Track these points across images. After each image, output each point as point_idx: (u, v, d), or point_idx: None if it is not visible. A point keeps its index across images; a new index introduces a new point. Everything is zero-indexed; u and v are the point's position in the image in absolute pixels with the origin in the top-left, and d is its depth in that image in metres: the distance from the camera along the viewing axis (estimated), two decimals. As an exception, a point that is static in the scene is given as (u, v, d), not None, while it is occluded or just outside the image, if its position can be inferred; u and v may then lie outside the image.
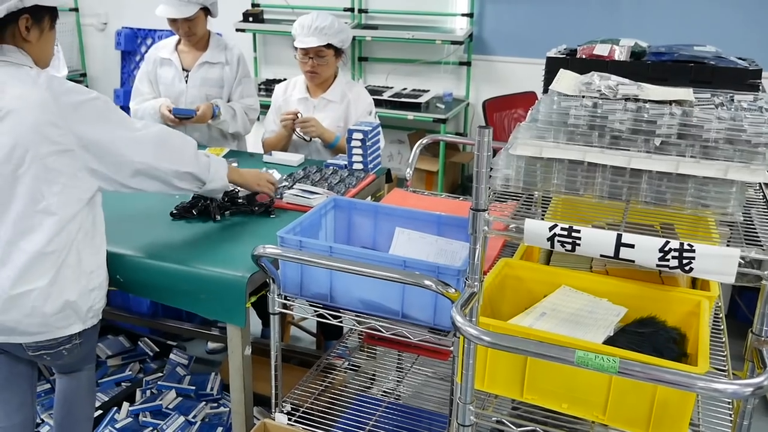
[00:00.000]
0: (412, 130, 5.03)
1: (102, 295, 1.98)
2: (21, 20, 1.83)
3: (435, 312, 1.74)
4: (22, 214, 1.81)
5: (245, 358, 1.97)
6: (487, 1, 4.83)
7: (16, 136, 1.77)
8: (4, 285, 1.82)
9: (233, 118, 3.05)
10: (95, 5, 5.91)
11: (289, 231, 1.85)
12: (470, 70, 4.97)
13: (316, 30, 2.86)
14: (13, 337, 1.87)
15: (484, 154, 1.32)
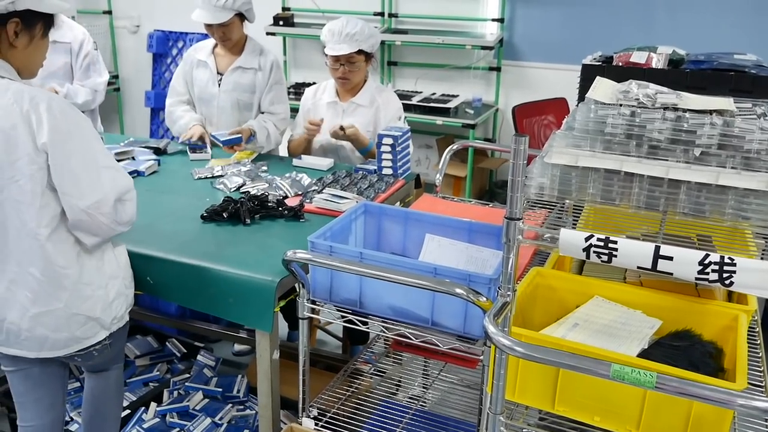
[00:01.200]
0: (441, 135, 5.02)
1: (124, 302, 1.98)
2: (10, 24, 1.73)
3: (465, 320, 1.72)
4: (15, 239, 1.78)
5: (273, 362, 1.97)
6: (518, 6, 4.80)
7: None
8: (26, 305, 1.83)
9: (267, 138, 3.07)
10: (128, 8, 5.98)
11: (320, 236, 1.84)
12: (500, 75, 4.94)
13: (346, 37, 2.85)
14: (44, 352, 1.89)
15: (520, 162, 1.30)
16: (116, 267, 1.94)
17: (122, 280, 1.96)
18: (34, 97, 1.72)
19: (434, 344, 1.77)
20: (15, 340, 1.88)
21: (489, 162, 4.98)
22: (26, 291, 1.82)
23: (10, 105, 1.70)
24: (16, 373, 2.03)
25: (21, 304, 1.83)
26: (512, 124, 4.51)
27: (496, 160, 5.01)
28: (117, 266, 1.95)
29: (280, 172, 2.74)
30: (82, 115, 1.84)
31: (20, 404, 2.08)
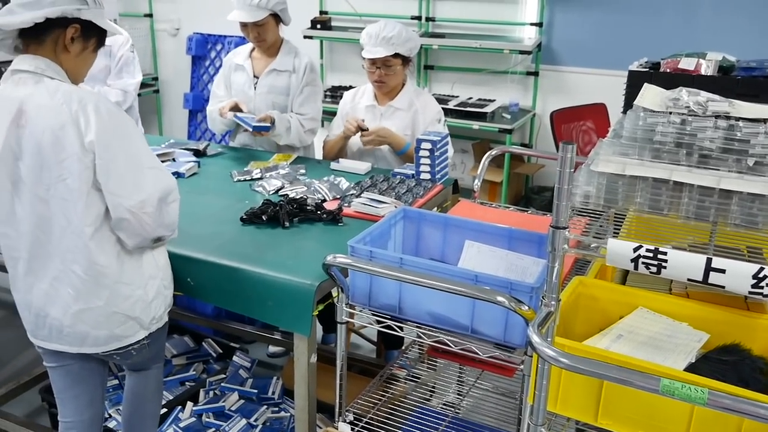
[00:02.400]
0: (477, 140, 4.99)
1: (162, 302, 1.99)
2: (70, 28, 1.80)
3: (505, 328, 1.70)
4: (60, 236, 1.81)
5: (310, 365, 1.97)
6: (557, 10, 4.75)
7: (40, 155, 1.75)
8: (68, 301, 1.86)
9: (287, 130, 3.05)
10: (169, 11, 6.07)
11: (359, 241, 1.84)
12: (537, 80, 4.89)
13: (383, 40, 2.85)
14: (84, 348, 1.92)
15: (567, 170, 1.28)
16: (155, 268, 1.96)
17: (161, 280, 1.98)
18: (82, 98, 1.76)
19: (474, 352, 1.76)
20: (57, 335, 1.91)
21: (525, 167, 4.94)
22: (69, 288, 1.85)
23: (60, 105, 1.74)
24: (57, 369, 2.07)
25: (63, 300, 1.86)
26: (550, 129, 4.46)
27: (532, 165, 4.97)
28: (156, 267, 1.96)
29: (319, 176, 2.74)
30: (128, 116, 1.87)
31: (60, 400, 2.12)
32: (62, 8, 1.76)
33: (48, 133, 1.73)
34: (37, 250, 1.84)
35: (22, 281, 1.90)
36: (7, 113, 1.76)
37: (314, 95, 3.14)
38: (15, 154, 1.77)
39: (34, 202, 1.79)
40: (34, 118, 1.74)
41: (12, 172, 1.79)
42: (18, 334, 3.53)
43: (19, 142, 1.76)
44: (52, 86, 1.77)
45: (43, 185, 1.77)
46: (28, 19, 1.74)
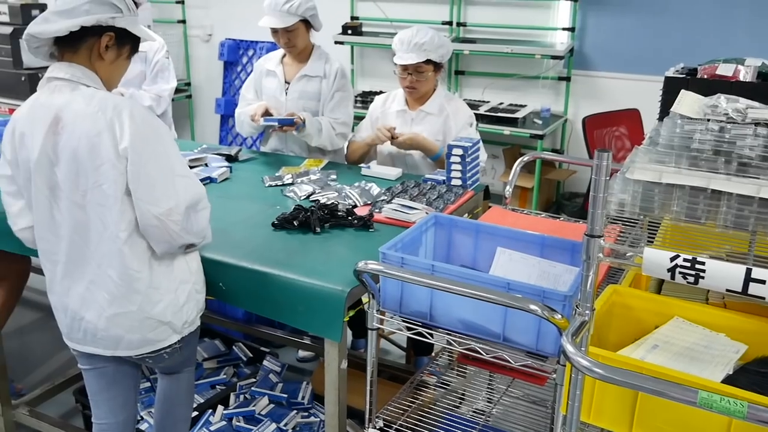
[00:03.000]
0: (507, 146, 4.96)
1: (194, 307, 2.00)
2: (105, 36, 1.83)
3: (538, 337, 1.68)
4: (97, 241, 1.84)
5: (341, 371, 1.97)
6: (590, 15, 4.71)
7: (77, 162, 1.77)
8: (103, 305, 1.88)
9: (318, 132, 3.06)
10: (201, 17, 6.14)
11: (391, 247, 1.84)
12: (569, 85, 4.86)
13: (415, 46, 2.85)
14: (118, 351, 1.94)
15: (602, 178, 1.27)
16: (187, 272, 1.98)
17: (193, 285, 2.00)
18: (117, 104, 1.78)
19: (505, 360, 1.74)
20: (92, 338, 1.94)
21: (557, 173, 4.90)
22: (104, 292, 1.87)
23: (96, 113, 1.76)
24: (91, 372, 2.10)
25: (99, 304, 1.89)
26: (581, 135, 4.42)
27: (563, 171, 4.92)
28: (188, 271, 1.98)
29: (349, 181, 2.75)
30: (162, 123, 1.89)
31: (95, 402, 2.15)
32: (96, 17, 1.78)
33: (84, 140, 1.76)
34: (74, 255, 1.87)
35: (59, 284, 1.93)
36: (44, 120, 1.79)
37: (345, 100, 3.15)
38: (51, 160, 1.80)
39: (71, 207, 1.82)
40: (71, 125, 1.77)
41: (49, 179, 1.82)
42: (52, 336, 3.61)
43: (56, 148, 1.79)
44: (87, 93, 1.79)
45: (79, 191, 1.80)
46: (63, 27, 1.76)
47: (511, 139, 4.78)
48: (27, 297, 3.92)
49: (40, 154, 1.80)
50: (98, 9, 1.78)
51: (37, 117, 1.81)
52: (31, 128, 1.81)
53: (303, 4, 2.96)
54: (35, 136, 1.80)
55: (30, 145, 1.82)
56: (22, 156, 1.84)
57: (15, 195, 1.96)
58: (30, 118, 1.83)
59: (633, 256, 1.32)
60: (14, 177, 1.92)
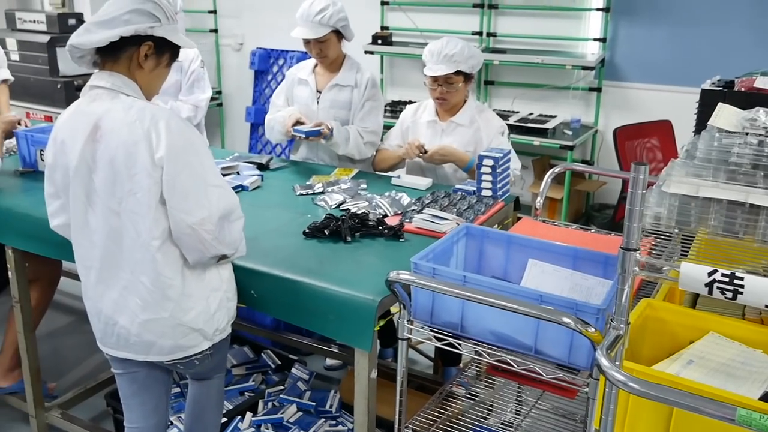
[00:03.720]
0: (537, 156, 4.94)
1: (225, 314, 2.02)
2: (144, 46, 1.86)
3: (570, 350, 1.67)
4: (130, 248, 1.86)
5: (371, 381, 1.97)
6: (621, 25, 4.68)
7: (114, 169, 1.80)
8: (136, 311, 1.91)
9: (345, 141, 3.07)
10: (233, 27, 6.22)
11: (423, 257, 1.84)
12: (600, 96, 4.83)
13: (445, 57, 2.85)
14: (150, 356, 1.97)
15: (639, 191, 1.26)
16: (219, 280, 2.00)
17: (224, 293, 2.01)
18: (154, 114, 1.81)
19: (537, 373, 1.73)
20: (124, 343, 1.96)
21: (586, 184, 4.86)
22: (137, 298, 1.90)
23: (134, 122, 1.79)
24: (124, 377, 2.12)
25: (132, 310, 1.91)
26: (612, 146, 4.38)
27: (593, 182, 4.89)
28: (219, 279, 2.00)
29: (380, 191, 2.76)
30: (198, 133, 1.92)
31: (127, 406, 2.18)
32: (135, 27, 1.81)
33: (122, 149, 1.79)
34: (108, 260, 1.90)
35: (93, 290, 1.97)
36: (84, 127, 1.83)
37: (375, 110, 3.17)
38: (89, 167, 1.84)
39: (106, 214, 1.86)
40: (109, 133, 1.80)
41: (86, 185, 1.86)
42: (84, 340, 3.67)
43: (94, 155, 1.83)
44: (127, 102, 1.83)
45: (115, 198, 1.83)
46: (104, 38, 1.80)
47: (540, 150, 4.76)
48: (59, 300, 4.00)
49: (79, 161, 1.84)
50: (137, 19, 1.82)
51: (78, 124, 1.85)
52: (72, 135, 1.85)
53: (335, 15, 2.99)
54: (75, 143, 1.84)
55: (69, 151, 1.86)
56: (62, 161, 1.89)
57: (53, 196, 2.01)
58: (71, 125, 1.87)
59: (669, 270, 1.31)
60: (53, 179, 1.97)
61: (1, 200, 2.65)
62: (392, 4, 5.39)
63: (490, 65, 5.05)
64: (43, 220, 2.41)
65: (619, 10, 4.65)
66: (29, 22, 5.05)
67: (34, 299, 2.85)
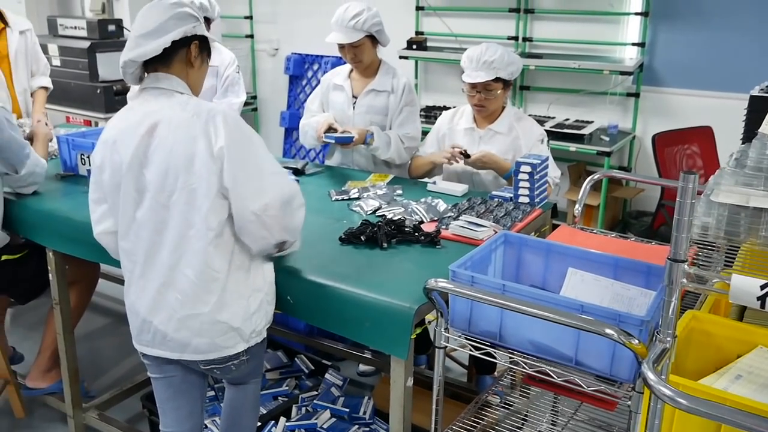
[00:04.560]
0: (573, 162, 4.88)
1: (264, 317, 2.03)
2: (193, 45, 1.95)
3: (612, 362, 1.63)
4: (177, 240, 1.89)
5: (407, 389, 1.95)
6: (661, 30, 4.60)
7: (168, 164, 1.85)
8: (175, 306, 1.92)
9: (387, 145, 3.08)
10: (269, 32, 6.27)
11: (461, 265, 1.82)
12: (638, 101, 4.75)
13: (484, 64, 2.82)
14: (186, 354, 1.97)
15: (688, 201, 1.23)
16: (262, 281, 2.01)
17: (265, 294, 2.02)
18: (210, 109, 1.89)
19: (577, 384, 1.70)
20: (160, 341, 1.98)
21: (623, 191, 4.79)
22: (177, 293, 1.92)
23: (191, 117, 1.86)
24: (160, 381, 2.14)
25: (170, 306, 1.93)
26: (650, 152, 4.31)
27: (631, 189, 4.81)
28: (263, 281, 2.01)
29: (415, 197, 2.74)
30: (250, 127, 1.97)
31: (162, 410, 2.19)
32: (183, 29, 1.90)
33: (180, 144, 1.84)
34: (152, 255, 1.93)
35: (135, 284, 1.99)
36: (139, 126, 1.89)
37: (413, 115, 3.16)
38: (142, 163, 1.89)
39: (155, 207, 1.89)
40: (167, 129, 1.86)
41: (137, 180, 1.90)
42: (121, 342, 3.71)
43: (147, 152, 1.87)
44: (182, 100, 1.91)
45: (166, 192, 1.87)
46: (157, 46, 1.88)
47: (576, 156, 4.70)
48: (96, 303, 4.06)
49: (133, 157, 1.88)
50: (182, 22, 1.90)
51: (132, 123, 1.91)
52: (125, 133, 1.91)
53: (369, 20, 2.98)
54: (129, 141, 1.89)
55: (123, 149, 1.90)
56: (114, 160, 1.93)
57: (98, 201, 2.06)
58: (125, 124, 1.93)
59: (717, 282, 1.27)
60: (100, 183, 2.01)
61: (43, 203, 2.70)
62: (427, 9, 5.38)
63: (526, 70, 5.00)
64: (83, 223, 2.46)
65: (659, 14, 4.58)
66: (70, 28, 5.13)
67: (73, 301, 2.89)
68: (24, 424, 3.11)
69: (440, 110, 4.76)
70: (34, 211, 2.68)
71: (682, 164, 4.17)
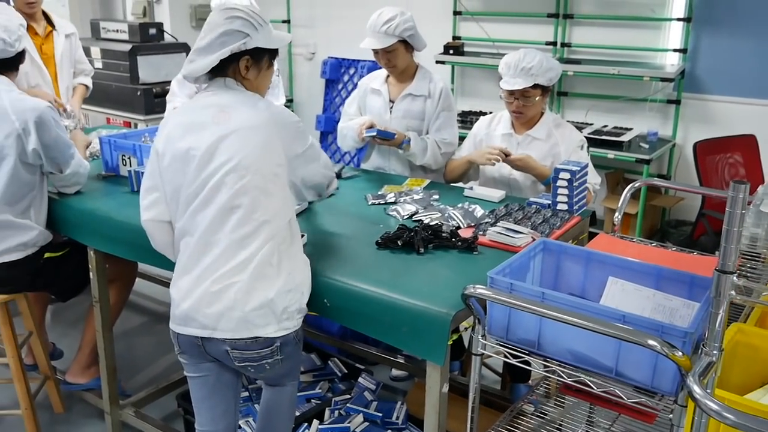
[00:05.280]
0: (610, 170, 4.82)
1: (297, 299, 2.00)
2: (242, 61, 2.00)
3: (654, 373, 1.60)
4: (240, 223, 1.94)
5: (442, 395, 1.94)
6: (704, 36, 4.52)
7: (242, 153, 1.93)
8: (214, 280, 1.94)
9: (423, 151, 3.08)
10: (306, 36, 6.31)
11: (499, 272, 1.80)
12: (679, 108, 4.67)
13: (522, 70, 2.80)
14: (216, 332, 1.94)
15: (738, 211, 1.20)
16: (304, 266, 2.08)
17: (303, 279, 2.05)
18: (278, 108, 2.11)
19: (617, 396, 1.67)
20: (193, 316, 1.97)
21: (662, 199, 4.71)
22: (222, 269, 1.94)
23: (264, 111, 2.01)
24: (195, 380, 2.16)
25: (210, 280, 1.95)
26: (691, 160, 4.24)
27: (670, 197, 4.73)
28: (305, 266, 2.08)
29: (452, 202, 2.73)
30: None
31: (197, 409, 2.21)
32: (230, 48, 1.95)
33: (252, 133, 1.95)
34: (206, 235, 1.96)
35: (183, 265, 2.02)
36: (212, 114, 1.97)
37: (451, 120, 3.16)
38: (211, 153, 1.94)
39: (222, 188, 1.94)
40: (238, 118, 1.96)
41: (203, 168, 1.95)
42: (157, 340, 3.76)
43: (218, 143, 1.94)
44: (251, 96, 2.03)
45: (237, 173, 1.93)
46: (206, 64, 1.96)
47: (614, 163, 4.64)
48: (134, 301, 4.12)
49: (203, 144, 1.95)
50: (231, 40, 1.96)
51: (202, 114, 1.98)
52: (194, 124, 1.98)
53: (401, 25, 2.98)
54: (200, 130, 1.97)
55: (190, 138, 1.97)
56: (178, 147, 1.98)
57: (150, 189, 2.10)
58: (194, 115, 2.00)
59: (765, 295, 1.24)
60: (156, 170, 2.06)
61: (85, 203, 2.75)
62: (465, 14, 5.37)
63: (564, 76, 4.95)
64: (123, 223, 2.50)
65: (701, 20, 4.50)
66: (112, 31, 5.23)
67: (112, 299, 2.93)
68: (62, 419, 3.17)
69: (476, 115, 4.75)
70: (76, 211, 2.73)
71: (724, 173, 4.09)
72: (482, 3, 5.30)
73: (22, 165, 2.60)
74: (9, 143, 2.56)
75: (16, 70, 2.75)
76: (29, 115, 2.55)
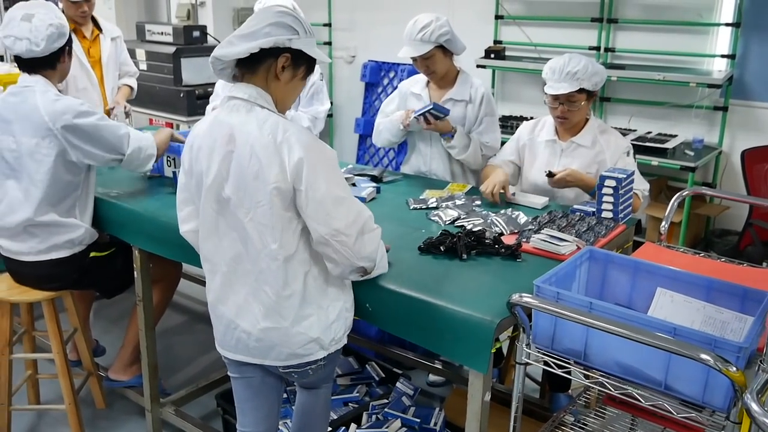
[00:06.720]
0: (654, 177, 4.73)
1: (342, 325, 2.03)
2: (282, 57, 1.89)
3: (705, 388, 1.57)
4: (255, 258, 1.91)
5: (484, 404, 1.92)
6: (753, 41, 4.42)
7: (243, 181, 1.86)
8: (258, 317, 1.95)
9: (465, 147, 3.07)
10: (346, 39, 6.33)
11: (546, 281, 1.78)
12: (726, 115, 4.57)
13: (567, 75, 2.76)
14: (267, 361, 2.01)
15: (801, 224, 1.16)
16: (340, 291, 2.02)
17: (343, 303, 2.03)
18: (287, 129, 1.85)
19: (665, 410, 1.63)
20: (243, 347, 2.01)
21: (707, 208, 4.61)
22: (259, 305, 1.94)
23: (267, 136, 1.83)
24: (239, 380, 2.17)
25: (254, 315, 1.95)
26: (738, 168, 4.15)
27: (715, 206, 4.63)
28: (341, 291, 2.02)
29: (495, 208, 2.71)
30: (328, 146, 1.94)
31: (240, 410, 2.22)
32: (275, 38, 1.86)
33: (254, 161, 1.83)
34: (235, 266, 1.95)
35: (217, 292, 2.02)
36: (220, 137, 1.89)
37: (493, 125, 3.15)
38: (222, 176, 1.90)
39: (235, 222, 1.91)
40: (243, 145, 1.85)
41: (218, 193, 1.92)
42: (197, 340, 3.80)
43: (227, 166, 1.88)
44: (261, 116, 1.87)
45: (243, 208, 1.88)
46: (244, 49, 1.86)
47: (658, 171, 4.55)
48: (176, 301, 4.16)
49: (213, 170, 1.90)
50: (277, 31, 1.86)
51: (215, 134, 1.92)
52: (208, 143, 1.92)
53: (436, 31, 2.96)
54: (211, 152, 1.91)
55: (204, 159, 1.92)
56: (197, 168, 1.96)
57: (185, 201, 2.10)
58: (208, 134, 1.94)
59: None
60: (188, 185, 2.05)
61: (131, 203, 2.79)
62: (507, 18, 5.33)
63: (607, 81, 4.83)
64: (168, 223, 2.53)
65: (751, 25, 4.40)
66: (157, 33, 5.32)
67: (156, 299, 2.97)
68: (104, 415, 3.22)
69: (517, 120, 4.70)
70: (122, 210, 2.78)
71: (773, 182, 3.99)
72: (525, 7, 5.26)
73: (64, 166, 2.61)
74: (45, 144, 2.55)
75: (53, 69, 2.65)
76: (62, 116, 2.52)
